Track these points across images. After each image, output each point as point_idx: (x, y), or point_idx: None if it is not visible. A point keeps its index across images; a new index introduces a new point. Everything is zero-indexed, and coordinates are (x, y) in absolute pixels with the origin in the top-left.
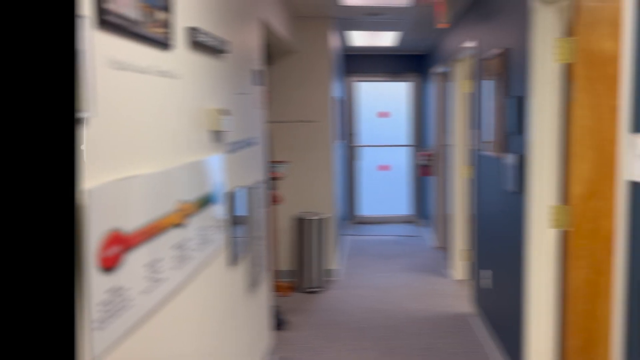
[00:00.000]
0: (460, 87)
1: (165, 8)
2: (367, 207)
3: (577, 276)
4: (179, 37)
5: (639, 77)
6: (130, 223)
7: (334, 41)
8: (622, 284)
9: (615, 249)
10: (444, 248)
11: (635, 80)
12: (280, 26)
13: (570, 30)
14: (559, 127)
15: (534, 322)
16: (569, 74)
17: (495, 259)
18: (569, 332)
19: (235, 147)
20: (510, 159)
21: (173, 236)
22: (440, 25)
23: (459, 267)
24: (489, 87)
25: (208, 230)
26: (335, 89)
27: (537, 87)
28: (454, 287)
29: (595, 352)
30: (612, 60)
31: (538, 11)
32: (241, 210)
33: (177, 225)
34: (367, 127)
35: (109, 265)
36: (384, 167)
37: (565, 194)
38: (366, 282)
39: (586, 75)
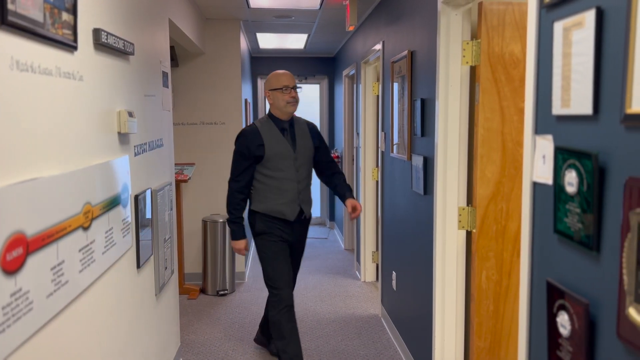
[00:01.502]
0: (369, 90)
1: (70, 9)
2: None
3: (483, 277)
4: (85, 39)
5: (543, 79)
6: (34, 225)
7: (243, 43)
8: (527, 284)
9: (520, 250)
10: (353, 250)
11: (539, 83)
12: (189, 28)
13: (476, 33)
14: (466, 129)
15: (441, 323)
16: (475, 77)
17: (403, 260)
18: (476, 333)
19: (143, 149)
20: (417, 161)
21: (79, 239)
22: (350, 28)
23: (369, 268)
24: (396, 89)
25: (115, 232)
26: (246, 91)
27: (442, 90)
28: (363, 289)
29: (500, 352)
30: (518, 63)
31: (444, 14)
32: (148, 213)
33: (83, 227)
34: None
35: (12, 268)
36: None
37: (471, 196)
38: None
39: (492, 78)
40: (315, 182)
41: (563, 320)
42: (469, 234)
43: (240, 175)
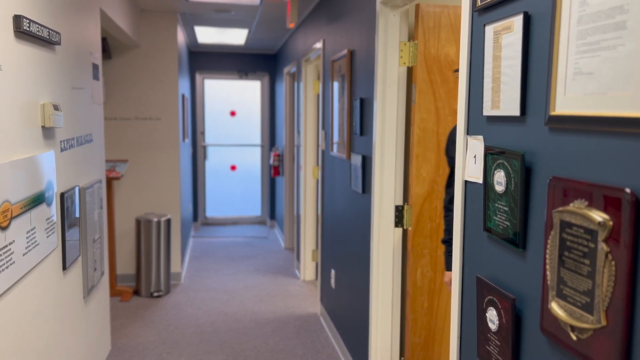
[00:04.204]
0: (310, 88)
1: None
2: (217, 208)
3: (418, 274)
4: (4, 26)
5: (475, 81)
6: None
7: (181, 37)
8: (459, 281)
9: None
10: (294, 249)
11: (471, 84)
12: (122, 19)
13: (413, 35)
14: (402, 129)
15: (377, 320)
16: (412, 77)
17: (342, 258)
18: (411, 329)
19: (70, 144)
20: (356, 160)
21: None
22: (290, 25)
23: (309, 267)
24: (336, 88)
25: (38, 232)
26: (183, 86)
27: (380, 90)
28: (303, 288)
29: (434, 348)
30: (452, 65)
31: (382, 14)
32: (76, 211)
33: (1, 227)
34: (218, 126)
35: None
36: (235, 167)
37: (407, 194)
38: (213, 285)
39: (428, 79)
40: (250, 176)
41: (492, 315)
42: (405, 232)
43: None
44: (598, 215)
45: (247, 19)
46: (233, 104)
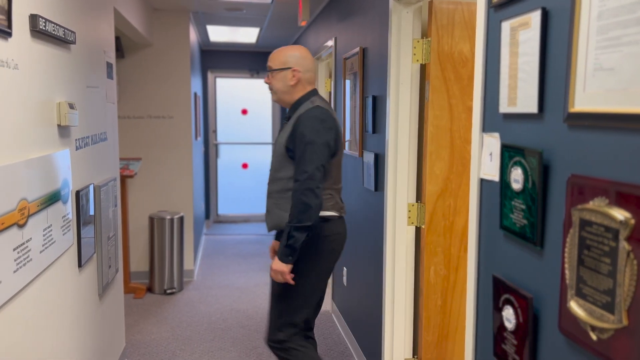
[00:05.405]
0: (321, 86)
1: None
2: (229, 205)
3: (432, 272)
4: (20, 25)
5: (491, 78)
6: None
7: (193, 35)
8: (474, 279)
9: (468, 246)
10: None
11: (487, 81)
12: (135, 18)
13: (426, 32)
14: (416, 126)
15: (390, 318)
16: (425, 75)
17: (354, 256)
18: (424, 328)
19: (85, 142)
20: (368, 157)
21: (13, 237)
22: (302, 23)
23: None
24: (348, 86)
25: (54, 230)
26: (195, 85)
27: (393, 87)
28: None
29: (447, 346)
30: (466, 62)
31: (395, 11)
32: (91, 209)
33: (19, 225)
34: (230, 125)
35: None
36: (247, 165)
37: (421, 192)
38: (225, 282)
39: (442, 76)
40: (261, 174)
41: (508, 314)
42: (418, 230)
43: None
44: (619, 214)
45: (259, 18)
46: (245, 102)
